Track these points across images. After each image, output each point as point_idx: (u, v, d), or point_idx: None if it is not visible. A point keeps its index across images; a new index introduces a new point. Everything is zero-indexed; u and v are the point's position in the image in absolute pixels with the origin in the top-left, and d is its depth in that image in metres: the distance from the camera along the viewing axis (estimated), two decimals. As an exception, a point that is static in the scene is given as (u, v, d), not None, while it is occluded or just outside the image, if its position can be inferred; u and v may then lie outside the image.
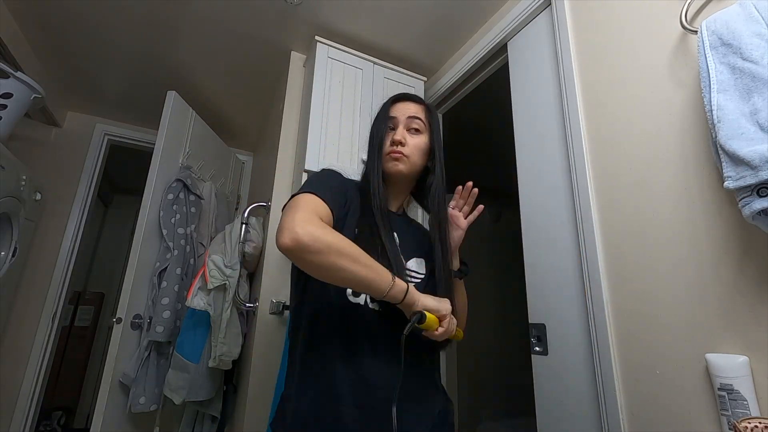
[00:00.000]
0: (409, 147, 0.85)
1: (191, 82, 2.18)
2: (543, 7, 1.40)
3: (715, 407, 0.75)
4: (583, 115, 1.16)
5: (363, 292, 0.73)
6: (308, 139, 1.54)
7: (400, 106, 0.90)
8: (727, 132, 0.69)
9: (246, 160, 2.90)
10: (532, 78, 1.42)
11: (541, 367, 1.19)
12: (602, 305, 1.00)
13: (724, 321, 0.78)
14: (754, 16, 0.72)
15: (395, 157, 0.84)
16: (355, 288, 0.71)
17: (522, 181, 1.39)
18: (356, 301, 0.75)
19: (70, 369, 3.28)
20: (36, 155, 2.27)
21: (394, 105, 0.91)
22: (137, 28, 1.79)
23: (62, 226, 2.31)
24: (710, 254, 0.81)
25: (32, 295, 2.16)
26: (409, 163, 0.85)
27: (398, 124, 0.87)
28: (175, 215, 1.80)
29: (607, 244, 1.03)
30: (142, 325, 1.68)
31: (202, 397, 1.56)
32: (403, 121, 0.87)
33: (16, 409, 2.03)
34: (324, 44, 1.69)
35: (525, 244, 1.32)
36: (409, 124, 0.87)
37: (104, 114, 2.54)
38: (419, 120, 0.88)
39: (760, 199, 0.65)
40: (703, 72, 0.76)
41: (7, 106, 1.66)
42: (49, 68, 2.06)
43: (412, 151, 0.85)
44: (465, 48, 1.81)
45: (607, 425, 0.95)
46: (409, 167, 0.85)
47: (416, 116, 0.88)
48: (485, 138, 2.64)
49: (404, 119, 0.87)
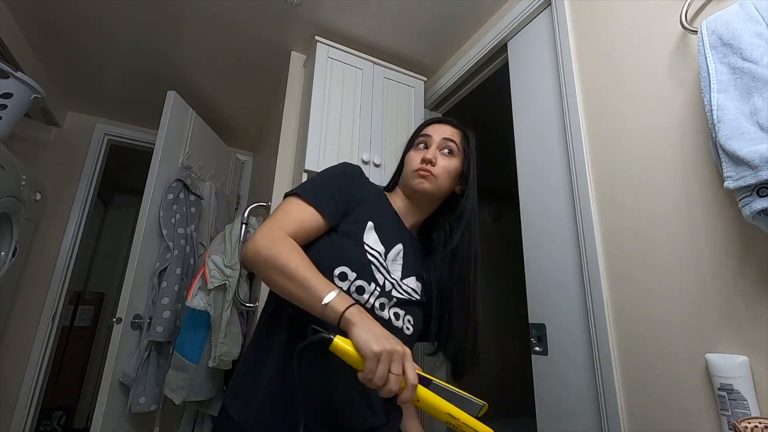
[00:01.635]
0: (438, 167, 0.83)
1: (191, 82, 2.18)
2: (543, 7, 1.40)
3: (715, 407, 0.75)
4: (583, 115, 1.16)
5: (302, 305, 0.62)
6: (308, 139, 1.54)
7: (437, 127, 0.89)
8: (727, 132, 0.69)
9: (246, 160, 2.90)
10: (532, 78, 1.42)
11: (541, 367, 1.19)
12: (602, 305, 1.00)
13: (724, 321, 0.78)
14: (754, 16, 0.72)
15: (423, 174, 0.82)
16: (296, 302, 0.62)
17: (522, 180, 1.39)
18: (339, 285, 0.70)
19: (70, 369, 3.28)
20: (36, 155, 2.27)
21: (431, 125, 0.90)
22: (137, 29, 1.79)
23: (62, 226, 2.31)
24: (710, 254, 0.81)
25: (32, 295, 2.16)
26: (436, 184, 0.83)
27: (431, 144, 0.86)
28: (175, 215, 1.80)
29: (607, 244, 1.03)
30: (142, 325, 1.68)
31: (202, 397, 1.56)
32: (437, 141, 0.86)
33: (16, 409, 2.03)
34: (324, 44, 1.69)
35: (525, 244, 1.32)
36: (442, 145, 0.86)
37: (104, 114, 2.54)
38: (453, 143, 0.86)
39: (760, 199, 0.65)
40: (703, 72, 0.76)
41: (7, 106, 1.66)
42: (49, 68, 2.06)
43: (441, 173, 0.83)
44: (465, 48, 1.81)
45: (607, 425, 0.95)
46: (435, 187, 0.83)
47: (451, 139, 0.86)
48: (485, 138, 2.63)
49: (438, 140, 0.86)
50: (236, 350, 1.57)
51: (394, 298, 0.74)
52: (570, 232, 1.16)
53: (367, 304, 0.71)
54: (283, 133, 1.77)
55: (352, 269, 0.71)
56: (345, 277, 0.70)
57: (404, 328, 0.74)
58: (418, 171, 0.83)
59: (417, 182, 0.83)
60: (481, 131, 2.93)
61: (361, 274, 0.71)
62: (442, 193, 0.86)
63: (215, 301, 1.56)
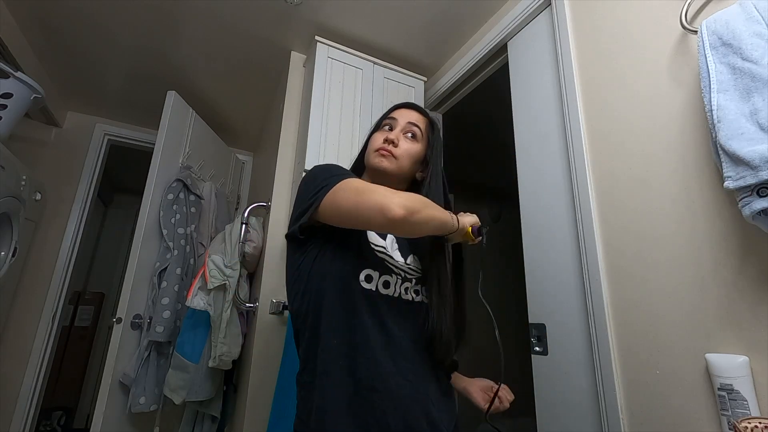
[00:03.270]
0: (400, 149, 0.84)
1: (191, 82, 2.18)
2: (543, 7, 1.40)
3: (715, 407, 0.75)
4: (583, 115, 1.16)
5: (441, 232, 0.76)
6: (308, 139, 1.54)
7: (404, 111, 0.90)
8: (727, 132, 0.69)
9: (246, 160, 2.90)
10: (532, 78, 1.42)
11: (541, 367, 1.19)
12: (602, 305, 1.00)
13: (724, 321, 0.78)
14: (754, 16, 0.72)
15: (383, 153, 0.84)
16: (437, 231, 0.74)
17: (522, 180, 1.39)
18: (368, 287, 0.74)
19: (70, 369, 3.28)
20: (36, 155, 2.27)
21: (398, 110, 0.91)
22: (137, 29, 1.79)
23: (62, 226, 2.31)
24: (710, 254, 0.81)
25: (32, 295, 2.16)
26: (396, 164, 0.84)
27: (396, 126, 0.88)
28: (175, 215, 1.80)
29: (607, 244, 1.03)
30: (142, 325, 1.68)
31: (202, 397, 1.56)
32: (401, 124, 0.87)
33: (16, 409, 2.02)
34: (324, 44, 1.69)
35: (525, 244, 1.32)
36: (406, 129, 0.87)
37: (104, 114, 2.54)
38: (417, 128, 0.87)
39: (760, 199, 0.65)
40: (703, 72, 0.76)
41: (7, 106, 1.66)
42: (49, 68, 2.06)
43: (402, 154, 0.85)
44: (465, 48, 1.81)
45: (607, 425, 0.95)
46: (395, 167, 0.84)
47: (416, 124, 0.88)
48: (485, 138, 2.64)
49: (403, 123, 0.88)
50: (236, 350, 1.57)
51: (410, 280, 0.80)
52: (570, 232, 1.16)
53: (395, 294, 0.76)
54: (283, 133, 1.77)
55: (374, 269, 0.75)
56: (371, 279, 0.74)
57: (422, 299, 0.80)
58: (379, 150, 0.84)
59: (377, 160, 0.84)
60: (481, 131, 2.93)
61: (383, 271, 0.76)
62: (403, 175, 0.87)
63: (215, 301, 1.56)
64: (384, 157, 0.84)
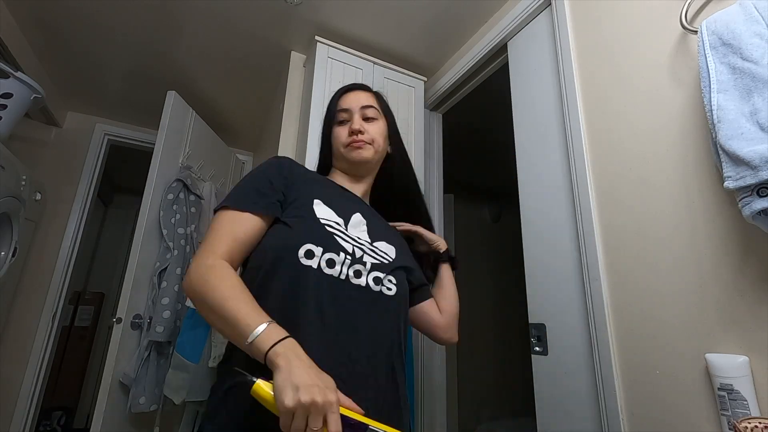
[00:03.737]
0: (371, 133, 0.83)
1: (191, 82, 2.18)
2: (543, 7, 1.40)
3: (715, 407, 0.75)
4: (583, 115, 1.16)
5: (229, 337, 0.60)
6: (308, 139, 1.54)
7: (350, 96, 0.88)
8: (727, 132, 0.69)
9: (246, 160, 2.90)
10: (532, 78, 1.42)
11: (541, 367, 1.19)
12: (602, 305, 1.00)
13: (724, 321, 0.78)
14: (754, 16, 0.72)
15: (358, 145, 0.81)
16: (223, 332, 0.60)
17: (522, 180, 1.39)
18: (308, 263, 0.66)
19: (70, 369, 3.28)
20: (36, 155, 2.27)
21: (343, 98, 0.88)
22: (137, 29, 1.79)
23: (62, 226, 2.31)
24: (710, 254, 0.81)
25: (32, 295, 2.16)
26: (373, 148, 0.83)
27: (353, 115, 0.85)
28: (175, 215, 1.80)
29: (607, 244, 1.03)
30: (142, 325, 1.68)
31: (202, 397, 1.56)
32: (356, 111, 0.85)
33: (16, 409, 2.03)
34: (324, 44, 1.69)
35: (525, 244, 1.32)
36: (363, 114, 0.85)
37: (104, 114, 2.54)
38: (373, 108, 0.86)
39: (760, 199, 0.65)
40: (703, 72, 0.76)
41: (7, 106, 1.66)
42: (49, 68, 2.06)
43: (376, 137, 0.84)
44: (465, 48, 1.81)
45: (607, 425, 0.95)
46: (374, 152, 0.83)
47: (369, 104, 0.86)
48: (485, 138, 2.64)
49: (357, 109, 0.85)
50: (236, 350, 1.57)
51: (368, 263, 0.71)
52: (570, 231, 1.16)
53: (341, 275, 0.67)
54: (283, 133, 1.77)
55: (317, 244, 0.67)
56: (312, 255, 0.66)
57: (383, 289, 0.71)
58: (351, 144, 0.82)
59: (355, 154, 0.82)
60: (481, 131, 2.93)
61: (328, 246, 0.68)
62: (381, 156, 0.87)
63: (215, 301, 1.56)
64: (361, 148, 0.82)
